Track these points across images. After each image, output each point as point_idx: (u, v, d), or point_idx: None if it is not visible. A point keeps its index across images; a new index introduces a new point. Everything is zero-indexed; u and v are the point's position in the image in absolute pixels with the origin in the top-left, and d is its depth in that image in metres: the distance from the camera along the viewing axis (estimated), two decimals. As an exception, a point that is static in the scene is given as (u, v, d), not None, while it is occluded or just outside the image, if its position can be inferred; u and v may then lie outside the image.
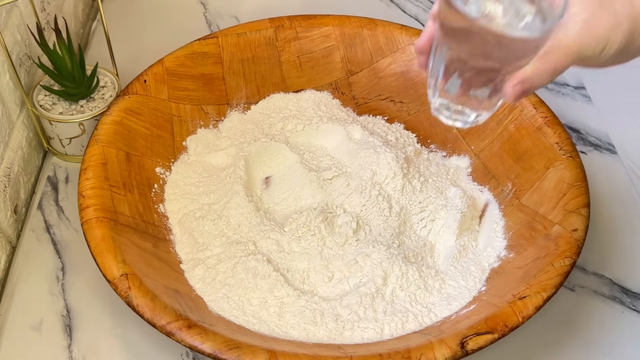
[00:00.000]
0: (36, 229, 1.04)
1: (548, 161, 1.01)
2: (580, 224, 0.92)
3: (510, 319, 0.83)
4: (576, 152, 1.01)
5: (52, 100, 1.09)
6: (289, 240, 0.98)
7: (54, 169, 1.11)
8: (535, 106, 1.06)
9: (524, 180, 1.03)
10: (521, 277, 0.90)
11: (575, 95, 1.26)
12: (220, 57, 1.15)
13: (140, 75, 1.09)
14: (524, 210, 1.00)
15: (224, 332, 0.83)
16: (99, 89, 1.12)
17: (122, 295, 0.84)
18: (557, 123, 1.04)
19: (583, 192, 0.96)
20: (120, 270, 0.86)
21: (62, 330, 0.93)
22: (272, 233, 0.99)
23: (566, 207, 0.94)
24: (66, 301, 0.96)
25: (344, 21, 1.19)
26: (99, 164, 0.97)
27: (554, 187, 0.98)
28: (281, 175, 1.07)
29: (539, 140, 1.03)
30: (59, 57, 1.06)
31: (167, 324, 0.82)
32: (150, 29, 1.37)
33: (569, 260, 0.88)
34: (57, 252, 1.02)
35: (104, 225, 0.91)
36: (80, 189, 0.94)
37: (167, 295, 0.87)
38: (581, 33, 0.68)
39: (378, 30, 1.19)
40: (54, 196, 1.08)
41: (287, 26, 1.19)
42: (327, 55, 1.19)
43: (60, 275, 0.99)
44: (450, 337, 0.82)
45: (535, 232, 0.96)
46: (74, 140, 1.09)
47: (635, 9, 0.68)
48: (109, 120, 1.03)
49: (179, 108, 1.11)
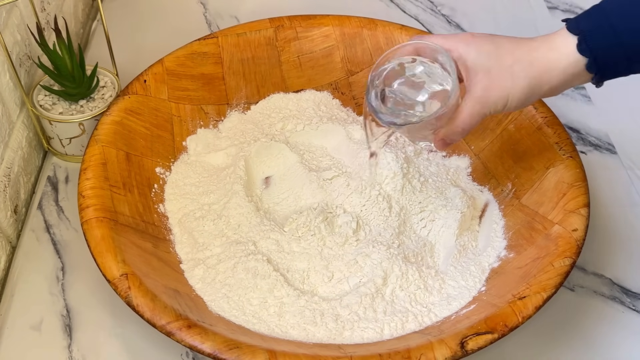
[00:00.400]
0: (36, 229, 1.04)
1: (548, 161, 1.01)
2: (580, 224, 0.92)
3: (510, 319, 0.83)
4: (576, 152, 1.00)
5: (52, 100, 1.09)
6: (288, 240, 0.98)
7: (54, 169, 1.12)
8: (535, 106, 1.05)
9: (523, 180, 1.03)
10: (521, 277, 0.90)
11: (575, 95, 1.26)
12: (220, 57, 1.15)
13: (140, 75, 1.09)
14: (524, 210, 1.00)
15: (223, 332, 0.83)
16: (99, 89, 1.12)
17: (122, 295, 0.84)
18: (557, 123, 1.04)
19: (583, 192, 0.95)
20: (120, 270, 0.86)
21: (62, 330, 0.93)
22: (272, 233, 0.99)
23: (566, 207, 0.94)
24: (66, 301, 0.96)
25: (344, 21, 1.19)
26: (98, 164, 0.97)
27: (554, 187, 0.98)
28: (281, 176, 1.07)
29: (539, 140, 1.03)
30: (59, 57, 1.06)
31: (167, 323, 0.82)
32: (150, 29, 1.37)
33: (569, 260, 0.88)
34: (57, 252, 1.02)
35: (104, 225, 0.91)
36: (80, 189, 0.94)
37: (167, 295, 0.87)
38: (483, 96, 0.85)
39: (378, 30, 1.19)
40: (54, 196, 1.08)
41: (287, 26, 1.19)
42: (327, 55, 1.19)
43: (60, 275, 0.99)
44: (450, 337, 0.82)
45: (535, 232, 0.96)
46: (74, 140, 1.09)
47: (534, 69, 0.84)
48: (108, 120, 1.03)
49: (178, 108, 1.11)
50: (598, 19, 0.82)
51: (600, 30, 0.81)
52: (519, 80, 0.85)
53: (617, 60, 0.82)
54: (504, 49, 0.86)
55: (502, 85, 0.85)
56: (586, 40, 0.82)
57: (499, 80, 0.85)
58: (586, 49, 0.82)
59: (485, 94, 0.85)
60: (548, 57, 0.84)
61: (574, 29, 0.83)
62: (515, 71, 0.85)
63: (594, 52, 0.82)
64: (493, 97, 0.85)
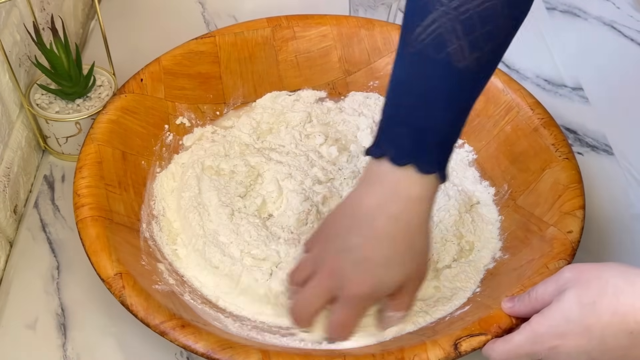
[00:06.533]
0: (32, 227, 1.04)
1: (544, 162, 1.01)
2: (575, 226, 0.92)
3: (504, 321, 0.83)
4: (572, 153, 1.00)
5: (49, 99, 1.09)
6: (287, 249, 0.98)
7: (51, 168, 1.12)
8: (532, 107, 1.05)
9: (520, 182, 1.03)
10: (515, 278, 0.90)
11: (572, 96, 1.26)
12: (217, 56, 1.15)
13: (137, 74, 1.09)
14: (520, 211, 1.00)
15: (217, 332, 0.83)
16: (96, 88, 1.12)
17: (116, 295, 0.84)
18: (554, 124, 1.04)
19: (579, 194, 0.95)
20: (115, 269, 0.86)
21: (57, 329, 0.94)
22: (272, 243, 0.98)
23: (562, 209, 0.94)
24: (61, 300, 0.96)
25: (342, 21, 1.19)
26: (94, 163, 0.97)
27: (550, 188, 0.98)
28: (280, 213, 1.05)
29: (535, 141, 1.03)
30: (56, 56, 1.06)
31: (160, 323, 0.82)
32: (147, 28, 1.36)
33: (564, 262, 0.88)
34: (52, 250, 1.02)
35: (99, 224, 0.91)
36: (76, 188, 0.94)
37: (161, 295, 0.87)
38: None
39: (375, 30, 1.19)
40: (50, 195, 1.08)
41: (285, 26, 1.18)
42: (324, 55, 1.19)
43: (56, 274, 0.99)
44: (444, 338, 0.82)
45: (531, 233, 0.96)
46: (70, 139, 1.09)
47: None
48: (105, 119, 1.02)
49: (175, 107, 1.10)
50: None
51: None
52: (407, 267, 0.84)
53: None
54: None
55: None
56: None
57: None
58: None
59: None
60: None
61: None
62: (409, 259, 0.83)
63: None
64: None
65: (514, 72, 1.30)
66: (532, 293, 0.80)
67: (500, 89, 1.08)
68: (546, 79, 1.29)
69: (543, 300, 0.78)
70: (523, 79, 1.28)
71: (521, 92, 1.08)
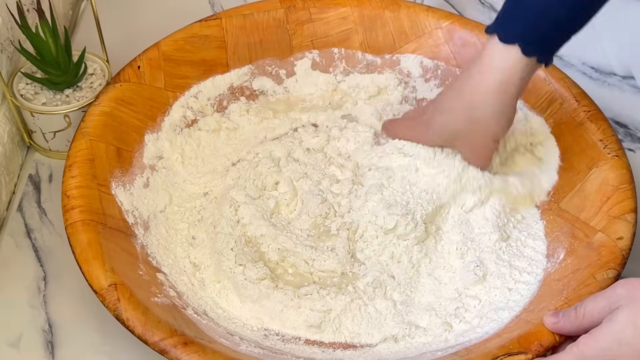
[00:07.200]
0: (15, 233, 1.04)
1: (591, 161, 1.01)
2: (625, 232, 0.92)
3: (546, 338, 0.83)
4: (622, 150, 1.00)
5: (35, 89, 1.10)
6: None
7: (36, 167, 1.12)
8: (577, 99, 1.05)
9: (563, 182, 1.03)
10: (559, 290, 0.90)
11: (623, 85, 1.26)
12: (223, 41, 1.15)
13: (133, 61, 1.09)
14: (563, 215, 1.00)
15: (224, 351, 0.83)
16: (87, 76, 1.12)
17: (111, 308, 0.85)
18: (602, 118, 1.04)
19: (630, 196, 0.95)
20: (109, 280, 0.86)
21: (43, 347, 0.94)
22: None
23: (610, 213, 0.94)
24: (48, 314, 0.96)
25: (364, 1, 1.19)
26: (85, 160, 0.97)
27: (597, 189, 0.98)
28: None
29: (581, 137, 1.03)
30: (42, 40, 1.06)
31: (160, 340, 0.82)
32: (145, 9, 1.37)
33: (613, 272, 0.88)
34: (38, 259, 1.02)
35: (91, 229, 0.91)
36: (65, 189, 0.94)
37: (161, 309, 0.87)
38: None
39: (402, 12, 1.19)
40: (35, 197, 1.08)
41: (300, 7, 1.19)
42: (344, 39, 1.20)
43: (42, 286, 0.99)
44: (479, 357, 0.82)
45: (576, 240, 0.96)
46: (58, 134, 1.10)
47: (445, 142, 1.03)
48: (97, 111, 1.03)
49: (176, 97, 1.11)
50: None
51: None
52: (434, 137, 1.04)
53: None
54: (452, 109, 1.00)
55: (424, 140, 1.05)
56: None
57: (421, 138, 1.05)
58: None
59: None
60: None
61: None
62: (430, 133, 1.04)
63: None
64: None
65: (557, 58, 1.28)
66: (580, 309, 0.80)
67: (542, 77, 1.08)
68: (593, 66, 1.29)
69: (592, 318, 0.78)
70: (567, 67, 1.28)
71: (565, 82, 1.08)
